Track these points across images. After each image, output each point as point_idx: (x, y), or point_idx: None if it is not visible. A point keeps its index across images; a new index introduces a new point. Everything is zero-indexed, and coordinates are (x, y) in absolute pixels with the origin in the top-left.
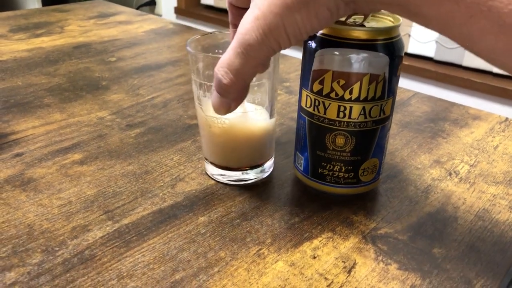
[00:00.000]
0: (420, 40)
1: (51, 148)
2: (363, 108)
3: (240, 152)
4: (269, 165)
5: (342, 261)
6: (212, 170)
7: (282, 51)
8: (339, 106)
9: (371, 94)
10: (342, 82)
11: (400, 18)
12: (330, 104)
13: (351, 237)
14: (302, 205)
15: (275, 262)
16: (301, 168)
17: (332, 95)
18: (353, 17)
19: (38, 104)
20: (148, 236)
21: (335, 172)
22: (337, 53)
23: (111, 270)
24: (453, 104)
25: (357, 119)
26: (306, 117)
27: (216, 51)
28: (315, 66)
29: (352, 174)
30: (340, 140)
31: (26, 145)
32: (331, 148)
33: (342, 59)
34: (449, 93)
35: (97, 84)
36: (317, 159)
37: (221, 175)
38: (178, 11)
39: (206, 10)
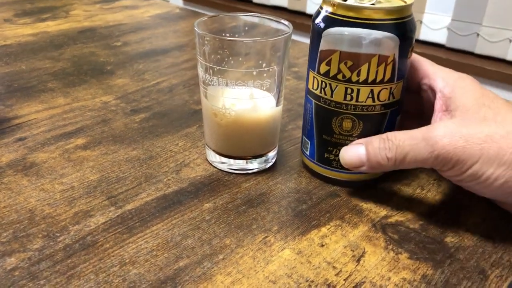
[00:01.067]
0: (432, 27)
1: (54, 132)
2: (371, 91)
3: (245, 141)
4: (272, 155)
5: (351, 250)
6: (213, 157)
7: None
8: (346, 89)
9: (380, 77)
10: (349, 63)
11: None
12: (337, 86)
13: (360, 225)
14: (309, 192)
15: (282, 250)
16: (307, 153)
17: (339, 76)
18: None
19: (42, 88)
20: (151, 222)
21: (335, 155)
22: (345, 32)
23: (113, 256)
24: None
25: (365, 102)
26: (313, 100)
27: (224, 34)
28: (322, 46)
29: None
30: (347, 124)
31: (29, 130)
32: (337, 132)
33: (349, 39)
34: None
35: (101, 69)
36: (324, 143)
37: (222, 162)
38: None
39: None
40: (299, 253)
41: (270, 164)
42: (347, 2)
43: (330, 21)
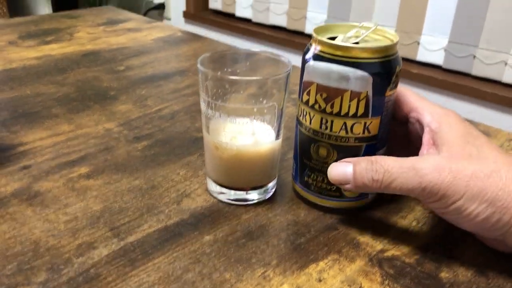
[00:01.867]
0: (429, 48)
1: (58, 160)
2: (344, 124)
3: (246, 174)
4: (272, 185)
5: (348, 285)
6: (213, 187)
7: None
8: (321, 118)
9: (352, 111)
10: (324, 95)
11: (395, 38)
12: (314, 115)
13: (358, 259)
14: (307, 224)
15: (281, 285)
16: (293, 173)
17: (316, 107)
18: (356, 34)
19: (46, 114)
20: (153, 255)
21: (318, 182)
22: (321, 67)
23: None
24: None
25: (338, 133)
26: (298, 125)
27: (226, 69)
28: (305, 77)
29: (335, 187)
30: (323, 151)
31: (34, 157)
32: (315, 158)
33: (323, 73)
34: (457, 102)
35: (105, 94)
36: (304, 166)
37: (222, 193)
38: (187, 15)
39: (214, 15)
40: None
41: (270, 194)
42: (330, 41)
43: (313, 56)
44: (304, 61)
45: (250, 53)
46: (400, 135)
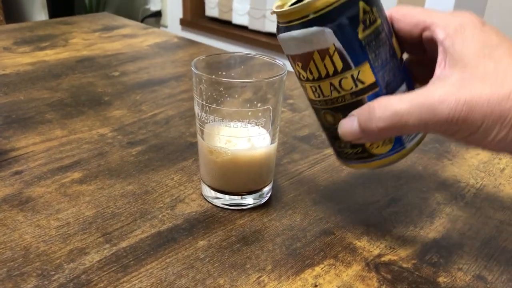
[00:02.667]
0: None
1: (51, 166)
2: (331, 84)
3: (241, 178)
4: (267, 190)
5: None
6: (208, 192)
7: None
8: (311, 87)
9: (331, 69)
10: (299, 64)
11: None
12: (305, 86)
13: (354, 264)
14: (304, 229)
15: None
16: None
17: (302, 77)
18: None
19: (39, 119)
20: (146, 260)
21: (343, 148)
22: (283, 38)
23: None
24: None
25: (331, 95)
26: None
27: (220, 72)
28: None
29: (360, 148)
30: (329, 118)
31: (26, 163)
32: (328, 127)
33: (287, 44)
34: None
35: (99, 100)
36: (330, 139)
37: (217, 198)
38: (183, 22)
39: (211, 22)
40: None
41: (265, 199)
42: (277, 10)
43: (277, 30)
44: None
45: (245, 56)
46: (425, 63)
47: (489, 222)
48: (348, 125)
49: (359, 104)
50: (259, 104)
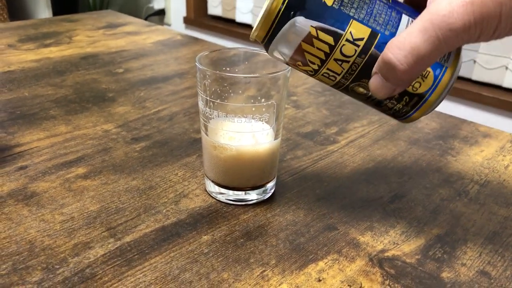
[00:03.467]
0: None
1: (55, 161)
2: (335, 60)
3: (245, 174)
4: (271, 186)
5: (348, 285)
6: (212, 187)
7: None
8: (323, 75)
9: (325, 48)
10: (299, 63)
11: None
12: (320, 78)
13: (358, 259)
14: (307, 224)
15: (279, 285)
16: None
17: (311, 72)
18: None
19: (44, 115)
20: (150, 255)
21: (394, 107)
22: (273, 53)
23: None
24: (463, 121)
25: (344, 70)
26: None
27: (224, 68)
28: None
29: (406, 97)
30: (359, 91)
31: (31, 158)
32: (365, 98)
33: (278, 55)
34: (458, 107)
35: (103, 96)
36: (376, 107)
37: (221, 193)
38: (187, 21)
39: (214, 20)
40: None
41: (269, 195)
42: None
43: (266, 50)
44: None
45: (250, 53)
46: None
47: (493, 218)
48: (376, 85)
49: (373, 59)
50: (263, 100)
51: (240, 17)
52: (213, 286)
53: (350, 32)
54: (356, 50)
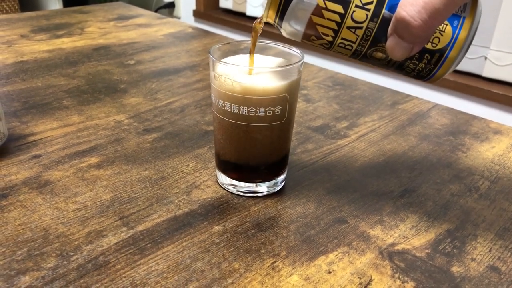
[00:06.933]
0: None
1: (68, 150)
2: (349, 28)
3: (259, 150)
4: (281, 179)
5: (358, 277)
6: (223, 179)
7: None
8: (340, 46)
9: (336, 17)
10: (314, 37)
11: None
12: (337, 50)
13: (368, 252)
14: (317, 217)
15: (290, 276)
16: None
17: (327, 45)
18: None
19: (56, 105)
20: (162, 244)
21: (416, 67)
22: (286, 32)
23: (124, 277)
24: (473, 118)
25: (359, 36)
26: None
27: None
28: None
29: (427, 55)
30: (378, 55)
31: (44, 147)
32: (386, 63)
33: (292, 33)
34: (468, 103)
35: (115, 87)
36: (399, 71)
37: (232, 185)
38: (197, 14)
39: (224, 13)
40: (306, 279)
41: (279, 187)
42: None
43: (280, 30)
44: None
45: (262, 45)
46: None
47: (503, 215)
48: (393, 46)
49: (386, 22)
50: (275, 92)
51: (251, 11)
52: (224, 276)
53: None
54: (367, 15)
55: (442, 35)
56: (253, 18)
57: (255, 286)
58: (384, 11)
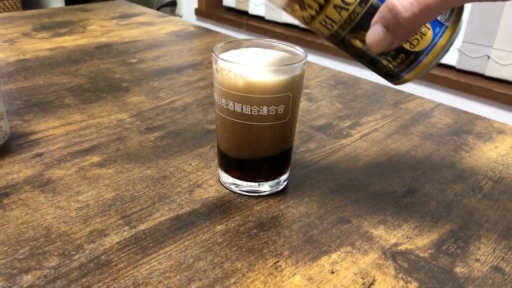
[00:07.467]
0: None
1: (70, 149)
2: (335, 6)
3: (263, 144)
4: (284, 178)
5: (361, 277)
6: (226, 178)
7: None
8: (320, 23)
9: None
10: (297, 6)
11: None
12: (315, 27)
13: (371, 252)
14: (320, 217)
15: (293, 276)
16: (384, 79)
17: (307, 19)
18: None
19: (58, 104)
20: (164, 243)
21: (387, 65)
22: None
23: (127, 277)
24: (477, 117)
25: (342, 17)
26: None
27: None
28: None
29: (402, 55)
30: (356, 43)
31: (46, 146)
32: (360, 53)
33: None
34: (471, 103)
35: (117, 86)
36: (369, 65)
37: (234, 184)
38: (198, 12)
39: (226, 12)
40: (309, 280)
41: (282, 187)
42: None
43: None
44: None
45: (265, 43)
46: None
47: (507, 215)
48: (375, 35)
49: (373, 10)
50: (278, 90)
51: (254, 9)
52: (227, 275)
53: None
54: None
55: (422, 38)
56: (256, 17)
57: (258, 286)
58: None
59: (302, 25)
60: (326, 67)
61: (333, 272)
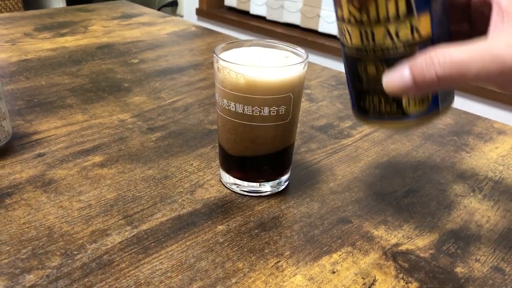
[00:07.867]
0: None
1: (72, 149)
2: (387, 31)
3: (265, 142)
4: (285, 179)
5: (362, 277)
6: (227, 178)
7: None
8: (360, 32)
9: (392, 12)
10: (355, 2)
11: None
12: (352, 30)
13: (372, 252)
14: (321, 217)
15: (294, 276)
16: (350, 102)
17: (352, 20)
18: None
19: (60, 104)
20: (166, 243)
21: (376, 105)
22: None
23: (128, 276)
24: (477, 118)
25: (384, 43)
26: (342, 48)
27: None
28: None
29: (395, 105)
30: (371, 70)
31: (48, 146)
32: (365, 79)
33: None
34: (472, 103)
35: (119, 86)
36: (358, 92)
37: (236, 184)
38: (200, 12)
39: (227, 12)
40: (310, 279)
41: (283, 187)
42: None
43: None
44: None
45: (267, 44)
46: (458, 21)
47: (507, 216)
48: (398, 76)
49: (408, 56)
50: (280, 91)
51: (255, 9)
52: (228, 275)
53: (419, 20)
54: (408, 38)
55: (419, 104)
56: (257, 17)
57: (259, 286)
58: (418, 48)
59: (302, 25)
60: (326, 68)
61: (334, 272)
